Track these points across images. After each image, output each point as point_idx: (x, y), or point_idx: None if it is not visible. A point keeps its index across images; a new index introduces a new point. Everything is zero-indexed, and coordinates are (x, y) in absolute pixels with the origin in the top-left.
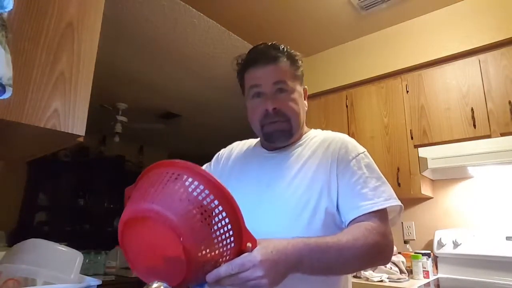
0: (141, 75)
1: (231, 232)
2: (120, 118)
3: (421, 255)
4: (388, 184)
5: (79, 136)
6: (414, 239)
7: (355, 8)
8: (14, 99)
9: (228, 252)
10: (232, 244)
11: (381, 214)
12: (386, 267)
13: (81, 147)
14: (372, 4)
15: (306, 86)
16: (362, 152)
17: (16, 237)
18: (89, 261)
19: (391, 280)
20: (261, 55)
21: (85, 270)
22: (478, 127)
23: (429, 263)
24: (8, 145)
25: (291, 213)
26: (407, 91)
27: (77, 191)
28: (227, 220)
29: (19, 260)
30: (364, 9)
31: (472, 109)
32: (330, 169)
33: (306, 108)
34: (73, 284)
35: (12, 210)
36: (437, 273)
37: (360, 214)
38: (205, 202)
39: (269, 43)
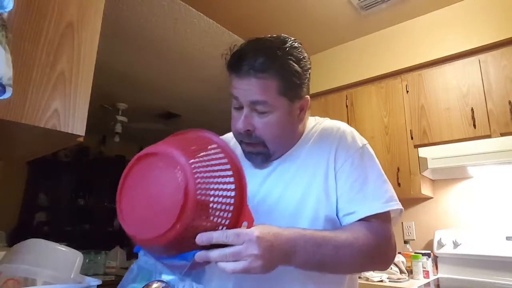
0: (141, 75)
1: (232, 200)
2: (120, 118)
3: (421, 255)
4: (389, 183)
5: (79, 136)
6: (414, 239)
7: (355, 8)
8: (14, 99)
9: (223, 222)
10: (230, 214)
11: (384, 215)
12: None
13: (81, 147)
14: (372, 4)
15: (307, 96)
16: (361, 147)
17: (16, 237)
18: (89, 261)
19: (391, 280)
20: (244, 63)
21: (85, 270)
22: (478, 127)
23: (429, 263)
24: (8, 145)
25: (287, 223)
26: (407, 91)
27: (77, 191)
28: (232, 186)
29: (19, 260)
30: (364, 9)
31: (472, 109)
32: (327, 170)
33: (302, 121)
34: (73, 284)
35: (12, 210)
36: (437, 273)
37: (359, 218)
38: (218, 163)
39: (266, 42)
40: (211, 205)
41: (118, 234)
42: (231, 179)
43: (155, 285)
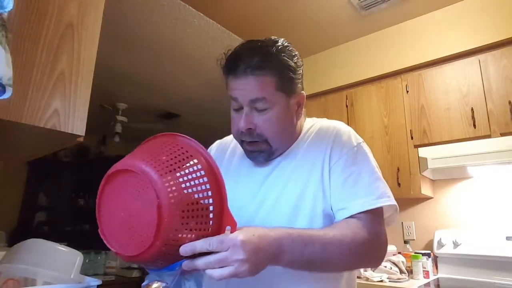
0: (141, 75)
1: (211, 208)
2: (120, 118)
3: (421, 255)
4: (383, 180)
5: (79, 136)
6: (414, 239)
7: (355, 8)
8: (14, 99)
9: (205, 230)
10: (210, 222)
11: (375, 212)
12: (386, 267)
13: (81, 147)
14: (372, 4)
15: (303, 92)
16: (356, 145)
17: (16, 237)
18: (89, 261)
19: (391, 280)
20: (240, 63)
21: (85, 270)
22: (478, 127)
23: (429, 263)
24: (8, 145)
25: (286, 221)
26: (407, 91)
27: (77, 191)
28: (209, 193)
29: (19, 260)
30: (364, 9)
31: (472, 109)
32: (323, 167)
33: (301, 117)
34: (73, 284)
35: (12, 210)
36: (437, 273)
37: (350, 214)
38: (192, 171)
39: (258, 43)
40: (188, 216)
41: None
42: (207, 186)
43: (155, 285)
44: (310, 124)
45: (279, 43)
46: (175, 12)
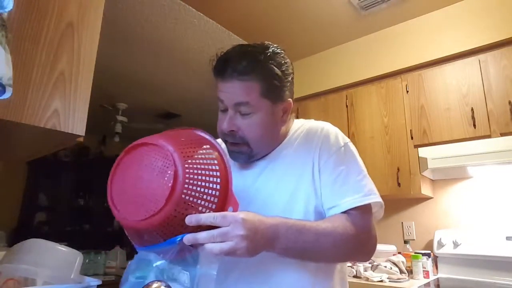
0: (141, 75)
1: (218, 186)
2: (120, 118)
3: (421, 255)
4: (369, 178)
5: (79, 136)
6: (414, 239)
7: (355, 8)
8: (14, 99)
9: (210, 206)
10: (216, 199)
11: (364, 208)
12: (386, 267)
13: (81, 147)
14: (372, 4)
15: (290, 99)
16: (343, 145)
17: (16, 237)
18: (89, 261)
19: (391, 280)
20: (228, 66)
21: (85, 270)
22: (478, 127)
23: (429, 263)
24: (8, 145)
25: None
26: (407, 91)
27: (77, 191)
28: (218, 173)
29: (19, 260)
30: (364, 9)
31: (472, 109)
32: (313, 167)
33: (287, 122)
34: (73, 284)
35: (12, 210)
36: (437, 273)
37: (341, 211)
38: (205, 152)
39: (249, 47)
40: (198, 188)
41: (118, 234)
42: (216, 167)
43: (155, 285)
44: (297, 125)
45: (269, 50)
46: (175, 12)
